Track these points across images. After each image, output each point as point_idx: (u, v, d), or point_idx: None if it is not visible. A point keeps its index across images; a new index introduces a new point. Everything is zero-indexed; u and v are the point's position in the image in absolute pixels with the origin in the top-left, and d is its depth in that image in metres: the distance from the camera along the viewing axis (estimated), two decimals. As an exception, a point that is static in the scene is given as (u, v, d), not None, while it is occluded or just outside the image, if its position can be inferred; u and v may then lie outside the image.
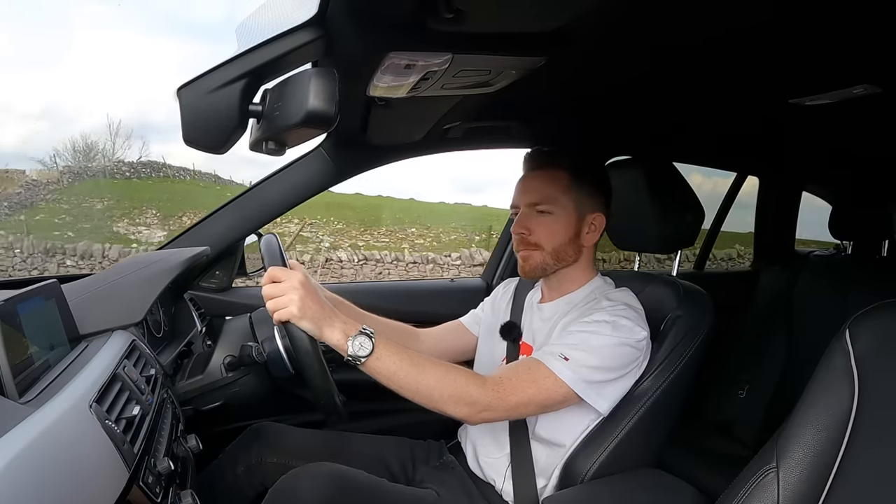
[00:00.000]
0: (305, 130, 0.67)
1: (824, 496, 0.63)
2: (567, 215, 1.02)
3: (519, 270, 1.07)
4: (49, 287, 0.76)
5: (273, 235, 0.92)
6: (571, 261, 1.05)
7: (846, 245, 2.07)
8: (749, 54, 0.83)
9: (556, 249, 1.03)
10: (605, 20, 0.69)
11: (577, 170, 1.04)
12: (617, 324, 0.93)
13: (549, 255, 1.03)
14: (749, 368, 1.86)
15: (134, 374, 0.79)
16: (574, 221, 1.03)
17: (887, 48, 0.77)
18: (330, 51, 0.73)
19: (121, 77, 19.24)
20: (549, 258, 1.03)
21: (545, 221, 1.03)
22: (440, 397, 0.85)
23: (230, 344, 1.11)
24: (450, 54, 0.70)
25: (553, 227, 1.02)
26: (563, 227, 1.03)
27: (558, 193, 1.02)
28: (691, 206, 1.16)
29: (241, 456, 1.08)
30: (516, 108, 1.19)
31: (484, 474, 1.06)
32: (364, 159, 1.36)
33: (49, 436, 0.53)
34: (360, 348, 0.81)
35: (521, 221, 1.04)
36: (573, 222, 1.03)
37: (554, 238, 1.02)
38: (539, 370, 0.90)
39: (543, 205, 1.02)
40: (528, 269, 1.05)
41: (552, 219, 1.02)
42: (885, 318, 0.67)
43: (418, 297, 1.64)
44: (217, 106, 0.66)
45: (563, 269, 1.05)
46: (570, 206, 1.02)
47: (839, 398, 0.65)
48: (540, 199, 1.03)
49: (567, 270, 1.06)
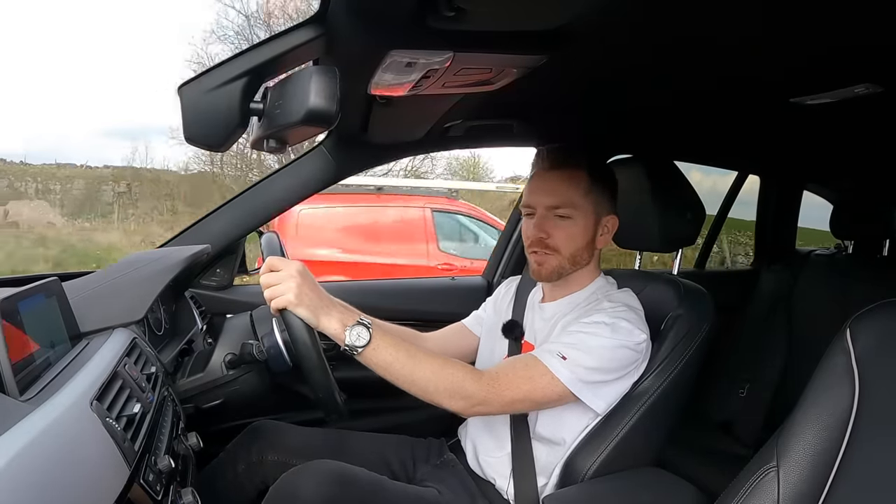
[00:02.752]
0: (306, 129, 0.67)
1: (824, 495, 0.63)
2: (586, 220, 1.00)
3: (532, 274, 1.05)
4: (50, 285, 0.76)
5: (274, 233, 0.92)
6: (585, 263, 1.03)
7: (847, 244, 2.07)
8: (750, 53, 0.83)
9: (573, 254, 1.00)
10: (606, 18, 0.69)
11: (595, 171, 1.01)
12: (616, 326, 0.93)
13: (567, 259, 1.00)
14: (749, 367, 1.86)
15: (135, 372, 0.79)
16: (592, 225, 1.01)
17: (889, 47, 0.77)
18: (331, 49, 0.73)
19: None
20: (566, 262, 1.01)
21: (564, 226, 0.99)
22: (435, 389, 0.85)
23: (231, 342, 1.11)
24: (451, 52, 0.70)
25: (572, 232, 0.99)
26: (582, 231, 1.00)
27: (578, 197, 0.99)
28: (692, 204, 1.16)
29: (241, 454, 1.08)
30: (518, 107, 1.19)
31: (484, 473, 1.06)
32: (365, 158, 1.36)
33: (50, 434, 0.53)
34: (358, 338, 0.81)
35: (539, 225, 1.00)
36: (591, 226, 1.01)
37: (573, 243, 1.00)
38: (536, 367, 0.90)
39: (564, 209, 0.99)
40: (544, 274, 1.02)
41: (572, 223, 0.99)
42: (886, 318, 0.66)
43: (418, 296, 1.64)
44: (218, 104, 0.66)
45: (575, 272, 1.05)
46: (589, 209, 1.00)
47: (840, 397, 0.65)
48: (560, 202, 0.99)
49: (577, 272, 1.05)
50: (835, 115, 1.12)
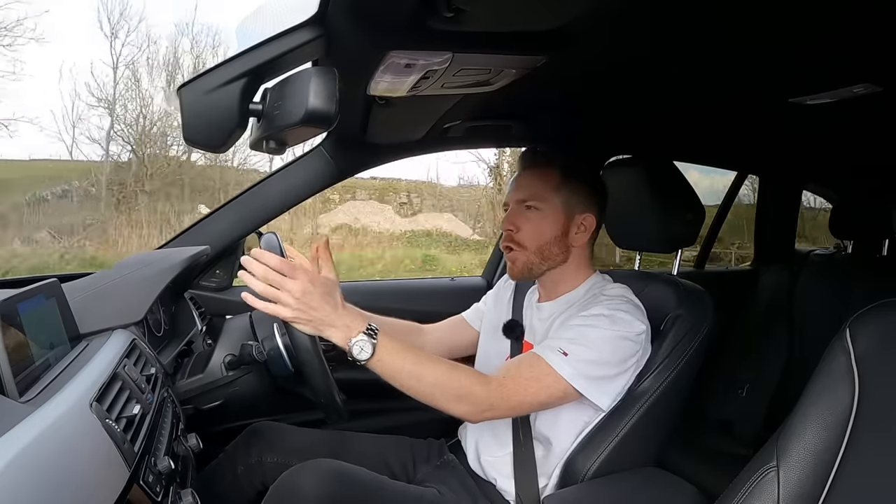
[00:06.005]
0: (305, 129, 0.67)
1: (825, 495, 0.63)
2: (555, 213, 1.02)
3: (508, 272, 1.08)
4: (49, 286, 0.76)
5: (273, 234, 0.92)
6: (559, 261, 1.04)
7: (846, 244, 2.07)
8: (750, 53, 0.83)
9: (540, 248, 1.03)
10: (605, 19, 0.69)
11: (567, 169, 1.04)
12: (615, 317, 0.93)
13: (534, 254, 1.03)
14: (749, 367, 1.86)
15: (134, 374, 0.79)
16: (562, 220, 1.03)
17: (888, 47, 0.77)
18: (330, 50, 0.73)
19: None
20: (533, 257, 1.03)
21: (532, 217, 1.03)
22: (442, 396, 0.85)
23: (230, 343, 1.11)
24: (450, 53, 0.70)
25: (539, 224, 1.02)
26: (549, 224, 1.02)
27: (546, 191, 1.03)
28: (692, 204, 1.16)
29: (241, 455, 1.08)
30: (516, 107, 1.19)
31: (485, 473, 1.06)
32: (364, 158, 1.36)
33: (49, 435, 0.53)
34: (361, 351, 0.81)
35: (509, 218, 1.05)
36: (560, 221, 1.03)
37: (539, 235, 1.02)
38: (540, 367, 0.90)
39: (531, 201, 1.03)
40: (515, 272, 1.06)
41: (539, 215, 1.02)
42: (886, 317, 0.66)
43: (419, 296, 1.65)
44: (217, 105, 0.66)
45: (552, 270, 1.05)
46: (558, 204, 1.02)
47: (840, 397, 0.65)
48: (528, 195, 1.03)
49: (557, 271, 1.05)
50: (834, 115, 1.12)
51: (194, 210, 7.24)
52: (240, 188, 1.39)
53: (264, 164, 7.48)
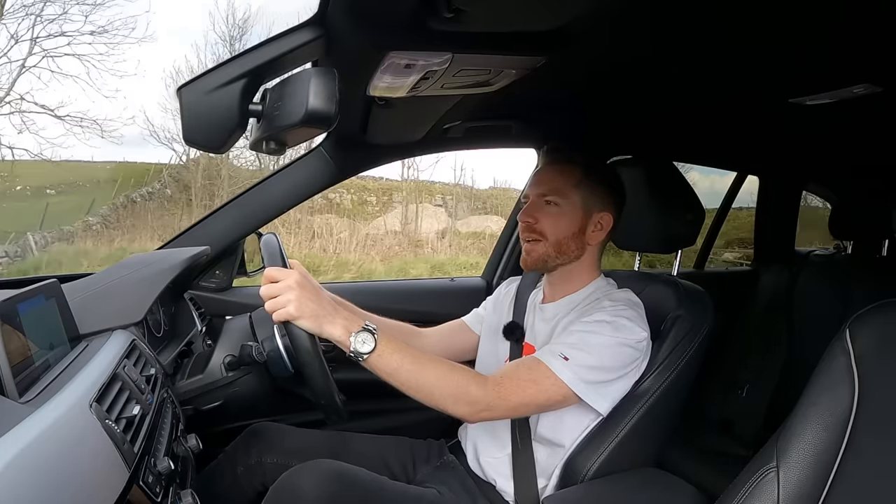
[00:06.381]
0: (305, 130, 0.67)
1: (824, 495, 0.63)
2: (574, 209, 1.03)
3: (521, 262, 1.08)
4: (49, 286, 0.76)
5: (273, 235, 0.92)
6: (574, 257, 1.05)
7: (846, 244, 2.07)
8: (750, 53, 0.83)
9: (558, 241, 1.03)
10: (605, 19, 0.69)
11: (589, 168, 1.05)
12: (617, 324, 0.93)
13: (552, 246, 1.03)
14: (749, 368, 1.86)
15: (134, 374, 0.79)
16: (580, 217, 1.03)
17: (888, 47, 0.77)
18: (330, 50, 0.73)
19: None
20: (551, 250, 1.03)
21: (551, 212, 1.03)
22: (441, 395, 0.85)
23: (230, 343, 1.11)
24: (450, 54, 0.70)
25: (558, 219, 1.03)
26: (568, 220, 1.03)
27: (567, 187, 1.03)
28: (692, 205, 1.16)
29: (240, 456, 1.08)
30: (516, 108, 1.19)
31: (485, 474, 1.06)
32: (364, 159, 1.36)
33: (49, 435, 0.53)
34: (363, 344, 0.81)
35: (528, 210, 1.05)
36: (579, 217, 1.03)
37: (558, 229, 1.03)
38: (539, 370, 0.90)
39: (551, 196, 1.03)
40: (530, 262, 1.06)
41: (558, 210, 1.03)
42: (886, 318, 0.67)
43: (418, 297, 1.64)
44: (217, 105, 0.66)
45: (565, 266, 1.05)
46: (577, 201, 1.03)
47: (839, 397, 0.65)
48: (549, 190, 1.04)
49: (569, 267, 1.06)
50: (834, 115, 1.12)
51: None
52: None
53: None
